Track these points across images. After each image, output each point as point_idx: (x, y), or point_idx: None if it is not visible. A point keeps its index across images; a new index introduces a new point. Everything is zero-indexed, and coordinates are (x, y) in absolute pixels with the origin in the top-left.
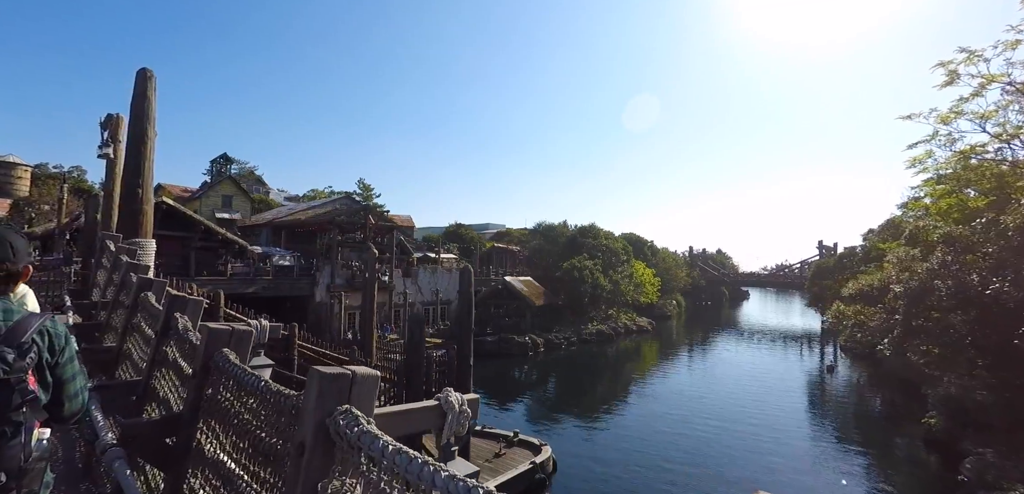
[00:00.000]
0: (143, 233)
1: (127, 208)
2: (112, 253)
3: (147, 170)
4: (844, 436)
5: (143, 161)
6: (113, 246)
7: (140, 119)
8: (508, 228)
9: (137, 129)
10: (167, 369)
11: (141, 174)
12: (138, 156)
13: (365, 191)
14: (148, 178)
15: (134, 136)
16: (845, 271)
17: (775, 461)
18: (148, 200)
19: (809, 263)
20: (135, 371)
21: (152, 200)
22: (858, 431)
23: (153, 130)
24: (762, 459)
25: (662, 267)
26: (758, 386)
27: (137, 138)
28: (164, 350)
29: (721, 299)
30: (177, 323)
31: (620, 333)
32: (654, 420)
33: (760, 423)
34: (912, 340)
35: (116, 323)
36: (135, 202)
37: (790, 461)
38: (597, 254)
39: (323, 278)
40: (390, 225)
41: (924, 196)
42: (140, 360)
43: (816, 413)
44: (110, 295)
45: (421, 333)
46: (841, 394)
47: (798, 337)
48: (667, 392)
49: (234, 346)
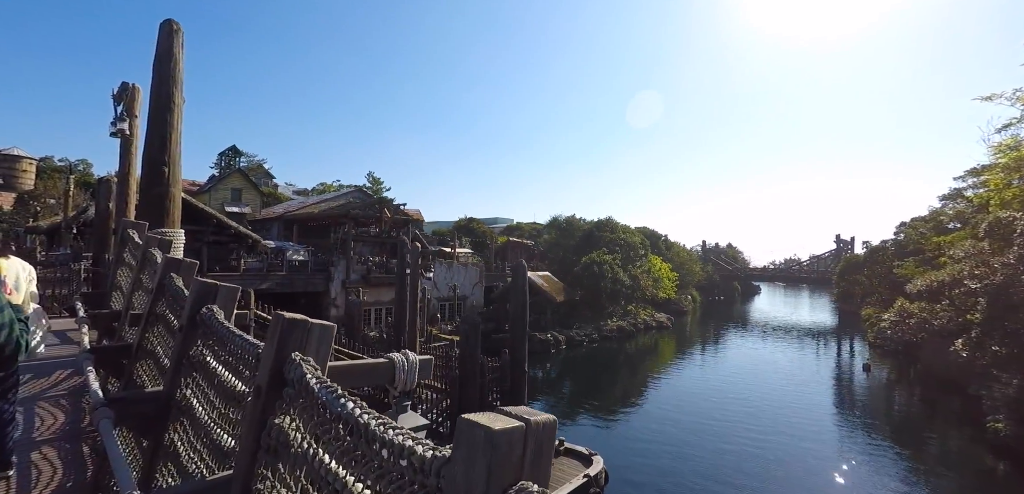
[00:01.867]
0: (170, 222)
1: (150, 191)
2: (139, 246)
3: (174, 144)
4: (898, 441)
5: (169, 133)
6: (138, 237)
7: (165, 82)
8: (519, 222)
9: (161, 94)
10: None
11: (167, 149)
12: (163, 127)
13: (375, 184)
14: (175, 154)
15: (158, 103)
16: (877, 266)
17: (831, 468)
18: (176, 181)
19: (819, 257)
20: (207, 442)
21: (180, 181)
22: (911, 435)
23: (181, 95)
24: (819, 467)
25: (677, 262)
26: (794, 386)
27: (161, 105)
28: None
29: (733, 294)
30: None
31: (640, 329)
32: (695, 423)
33: (807, 427)
34: (989, 339)
35: (156, 347)
36: (160, 183)
37: (848, 470)
38: (615, 248)
39: (338, 273)
40: (405, 218)
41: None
42: (210, 419)
43: (863, 416)
44: (140, 304)
45: (476, 338)
46: (883, 395)
47: (816, 333)
48: (702, 392)
49: (221, 303)
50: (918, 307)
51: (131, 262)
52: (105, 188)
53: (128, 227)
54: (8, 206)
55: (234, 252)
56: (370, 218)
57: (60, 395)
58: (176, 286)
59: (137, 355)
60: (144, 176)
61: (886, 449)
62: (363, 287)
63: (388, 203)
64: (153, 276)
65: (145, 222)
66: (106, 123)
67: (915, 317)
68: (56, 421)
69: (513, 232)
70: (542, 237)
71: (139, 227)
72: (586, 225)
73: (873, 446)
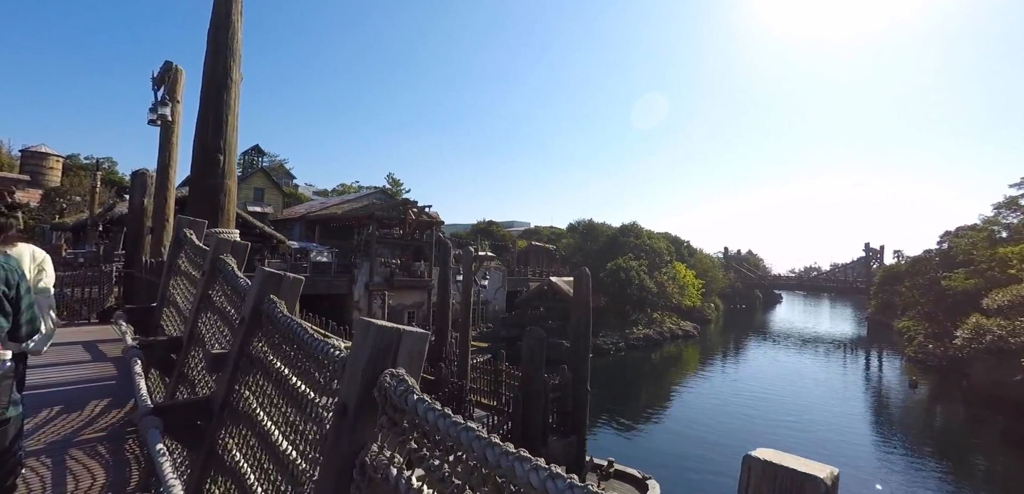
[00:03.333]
0: (225, 220)
1: (202, 183)
2: (202, 253)
3: (231, 128)
4: (954, 463)
5: (225, 114)
6: (198, 238)
7: (221, 53)
8: (537, 226)
9: (217, 68)
10: None
11: (222, 133)
12: (218, 107)
13: (394, 185)
14: (232, 140)
15: (213, 79)
16: (918, 277)
17: None
18: (231, 171)
19: (842, 266)
20: None
21: (235, 173)
22: (980, 459)
23: (239, 70)
24: None
25: (700, 269)
26: (839, 402)
27: (217, 81)
28: None
29: (755, 302)
30: None
31: (666, 338)
32: (740, 442)
33: (862, 451)
34: None
35: (266, 418)
36: (213, 174)
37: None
38: (640, 254)
39: (361, 275)
40: (430, 220)
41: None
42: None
43: (921, 439)
44: (223, 341)
45: (541, 355)
46: (936, 415)
47: (848, 345)
48: (744, 407)
49: (284, 295)
50: (997, 323)
51: (189, 271)
52: (140, 182)
53: (185, 227)
54: (35, 202)
55: (258, 252)
56: (393, 220)
57: (97, 439)
58: (279, 313)
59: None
60: (195, 165)
61: (942, 471)
62: (388, 290)
63: (413, 204)
64: (231, 295)
65: (204, 220)
66: (130, 121)
67: (992, 333)
68: (94, 481)
69: (531, 236)
70: (561, 241)
71: (197, 226)
72: (609, 230)
73: (931, 468)
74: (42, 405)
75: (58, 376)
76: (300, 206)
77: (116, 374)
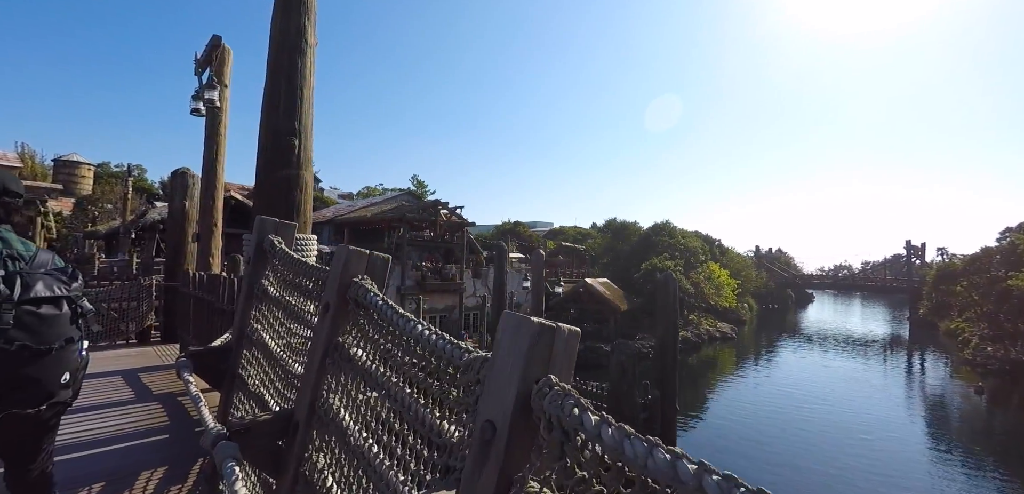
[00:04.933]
0: (303, 223)
1: (271, 176)
2: (313, 273)
3: (306, 104)
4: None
5: (300, 87)
6: (289, 247)
7: (293, 12)
8: (562, 226)
9: (289, 30)
10: None
11: (296, 112)
12: (291, 79)
13: (419, 187)
14: (308, 120)
15: (283, 43)
16: (976, 276)
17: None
18: (307, 161)
19: (874, 264)
20: None
21: (312, 164)
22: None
23: (314, 33)
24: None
25: (734, 268)
26: (901, 407)
27: (289, 46)
28: None
29: (787, 302)
30: None
31: (704, 340)
32: (802, 454)
33: (930, 462)
34: None
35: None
36: (286, 163)
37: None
38: (674, 253)
39: (393, 279)
40: (461, 222)
41: None
42: None
43: (992, 447)
44: (340, 393)
45: (633, 369)
46: (1006, 421)
47: (892, 346)
48: (799, 416)
49: (370, 273)
50: None
51: (285, 298)
52: (180, 182)
53: (269, 229)
54: (67, 211)
55: None
56: (424, 221)
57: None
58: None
59: None
60: (262, 155)
61: None
62: (422, 294)
63: (444, 205)
64: (386, 349)
65: (293, 223)
66: (157, 128)
67: None
68: None
69: (556, 236)
70: (587, 241)
71: (284, 231)
72: (640, 229)
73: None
74: (78, 483)
75: (95, 427)
76: (327, 209)
77: (169, 422)
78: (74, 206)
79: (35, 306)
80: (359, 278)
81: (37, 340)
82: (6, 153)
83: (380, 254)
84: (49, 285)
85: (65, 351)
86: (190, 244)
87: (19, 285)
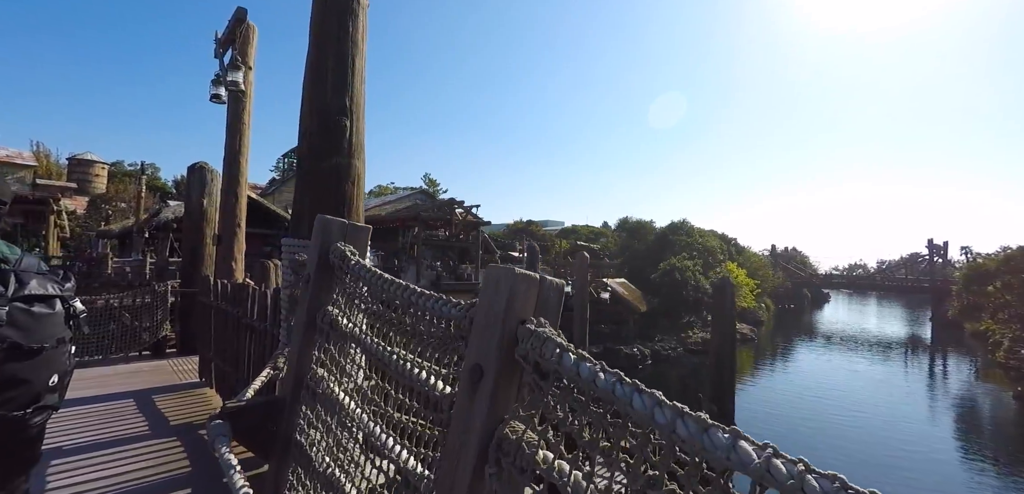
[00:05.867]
0: (354, 212)
1: (319, 164)
2: (420, 302)
3: (358, 78)
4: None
5: (351, 57)
6: (363, 256)
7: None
8: (574, 225)
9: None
10: None
11: (347, 88)
12: (340, 48)
13: (431, 186)
14: (360, 96)
15: (330, 3)
16: (1011, 276)
17: None
18: (359, 148)
19: (887, 263)
20: None
21: (364, 151)
22: None
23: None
24: None
25: (751, 268)
26: (938, 414)
27: (338, 7)
28: None
29: (803, 302)
30: None
31: None
32: (841, 464)
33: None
34: None
35: None
36: (336, 150)
37: None
38: (693, 253)
39: (407, 278)
40: (477, 221)
41: None
42: None
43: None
44: None
45: (695, 389)
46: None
47: (916, 348)
48: (835, 424)
49: (350, 240)
50: None
51: (373, 343)
52: (197, 177)
53: (337, 234)
54: (81, 210)
55: None
56: (438, 220)
57: None
58: None
59: None
60: (306, 139)
61: None
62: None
63: (459, 204)
64: None
65: (368, 226)
66: (169, 128)
67: None
68: None
69: (569, 235)
70: (601, 241)
71: (356, 235)
72: (655, 228)
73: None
74: None
75: (100, 463)
76: None
77: (190, 467)
78: (88, 205)
79: (28, 304)
80: (530, 323)
81: (29, 338)
82: (21, 152)
83: (555, 279)
84: (42, 284)
85: (56, 352)
86: (210, 246)
87: (13, 282)
